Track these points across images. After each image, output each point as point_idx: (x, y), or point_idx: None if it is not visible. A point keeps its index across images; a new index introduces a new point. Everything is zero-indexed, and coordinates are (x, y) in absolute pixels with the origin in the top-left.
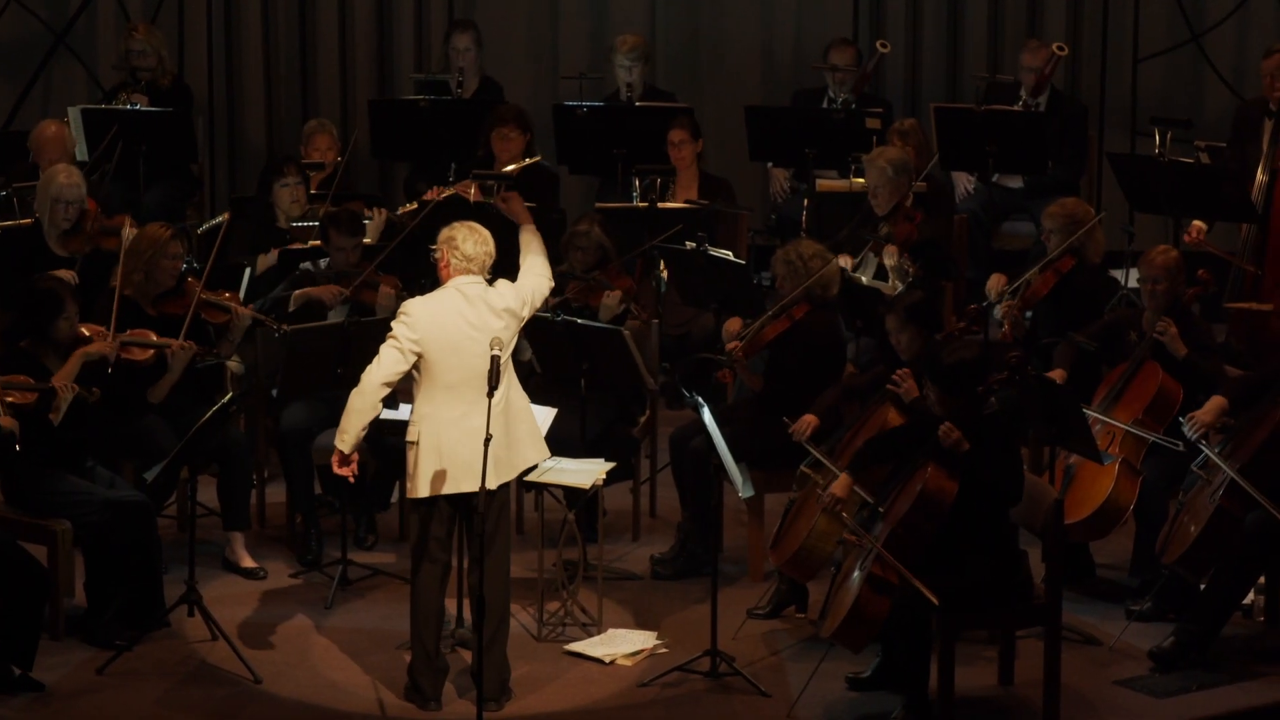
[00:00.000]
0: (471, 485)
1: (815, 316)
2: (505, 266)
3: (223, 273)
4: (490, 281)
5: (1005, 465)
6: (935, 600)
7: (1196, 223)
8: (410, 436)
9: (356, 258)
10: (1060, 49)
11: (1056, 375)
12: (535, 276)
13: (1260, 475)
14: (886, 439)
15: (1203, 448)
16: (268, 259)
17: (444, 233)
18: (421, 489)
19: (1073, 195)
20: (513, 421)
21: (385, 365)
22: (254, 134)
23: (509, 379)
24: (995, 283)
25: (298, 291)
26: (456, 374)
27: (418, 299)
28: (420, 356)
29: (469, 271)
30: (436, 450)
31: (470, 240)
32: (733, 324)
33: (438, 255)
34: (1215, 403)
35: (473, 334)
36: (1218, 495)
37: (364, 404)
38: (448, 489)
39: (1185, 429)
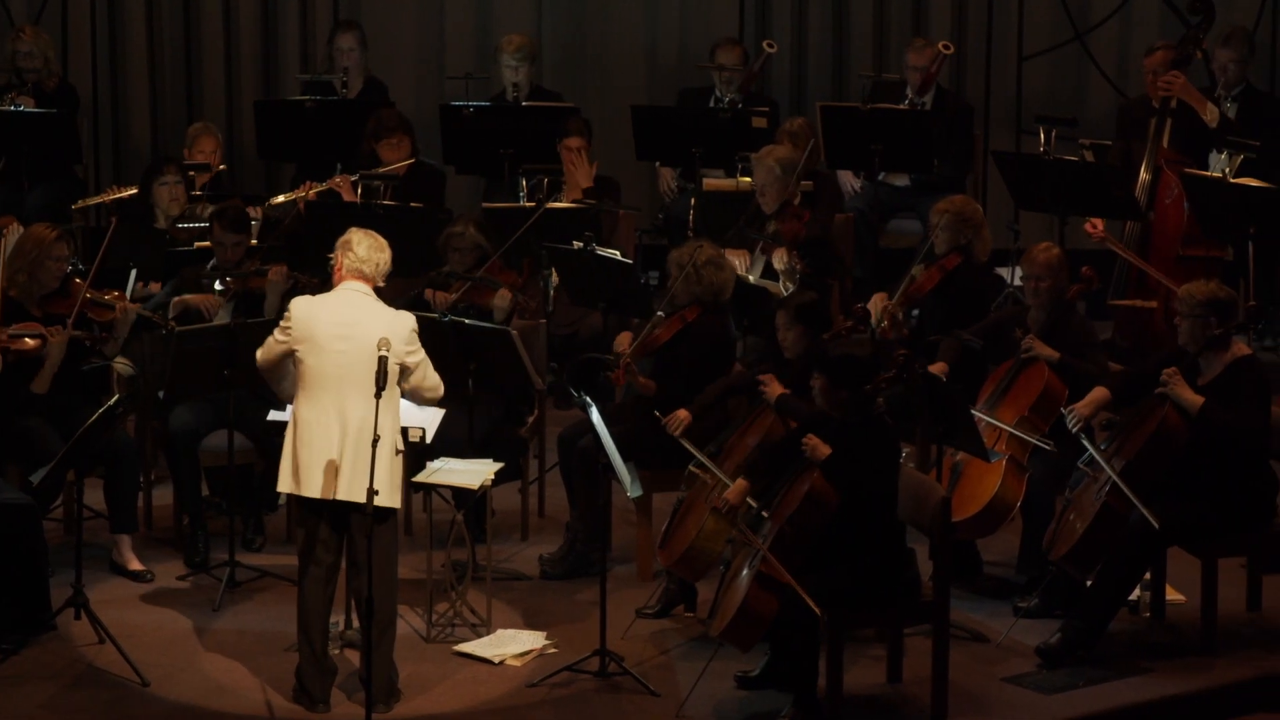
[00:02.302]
0: (322, 492)
1: (706, 318)
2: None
3: (108, 274)
4: (381, 293)
5: (873, 470)
6: (818, 611)
7: (1093, 220)
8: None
9: (240, 255)
10: (946, 48)
11: (937, 369)
12: (435, 376)
13: (1144, 473)
14: (780, 447)
15: (1083, 441)
16: (145, 290)
17: (342, 237)
18: (281, 483)
19: (958, 193)
20: (365, 450)
21: (265, 344)
22: (139, 135)
23: (389, 410)
24: (877, 303)
25: (176, 299)
26: (318, 375)
27: (303, 297)
28: (297, 352)
29: (360, 275)
30: (294, 448)
31: (365, 244)
32: (623, 339)
33: (333, 259)
34: (1096, 395)
35: (341, 340)
36: (1103, 492)
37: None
38: (304, 491)
39: (1066, 421)
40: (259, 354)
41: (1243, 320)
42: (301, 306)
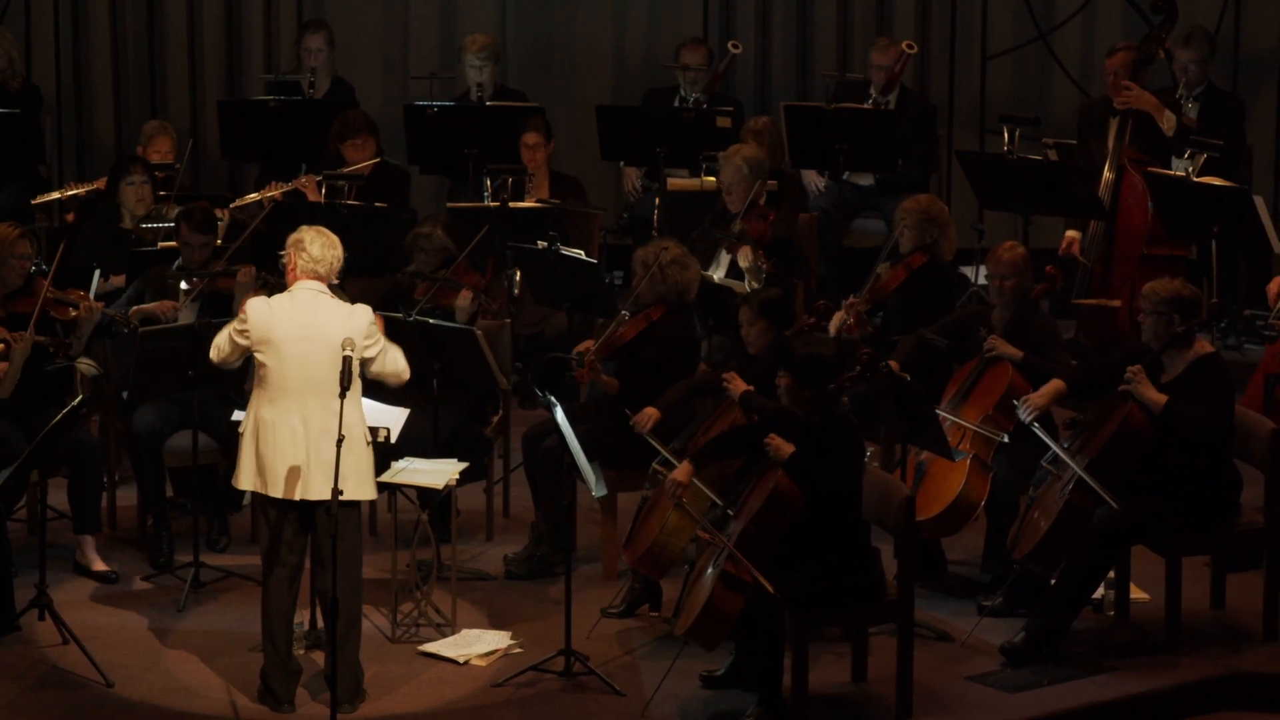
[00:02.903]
0: (275, 490)
1: (671, 317)
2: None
3: (71, 273)
4: (341, 289)
5: (838, 468)
6: (771, 588)
7: (1069, 233)
8: (241, 428)
9: (206, 255)
10: (910, 47)
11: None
12: (398, 356)
13: (1108, 471)
14: (731, 436)
15: (1035, 430)
16: (108, 285)
17: (292, 236)
18: (240, 480)
19: (922, 193)
20: (328, 449)
21: (221, 340)
22: (102, 134)
23: (353, 405)
24: (837, 321)
25: (133, 309)
26: (279, 377)
27: (259, 299)
28: (255, 353)
29: (315, 274)
30: (255, 449)
31: (318, 243)
32: (586, 347)
33: (285, 259)
34: (1052, 386)
35: (301, 342)
36: (1067, 490)
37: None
38: (269, 491)
39: (1019, 411)
40: (214, 350)
41: (1206, 318)
42: (258, 309)
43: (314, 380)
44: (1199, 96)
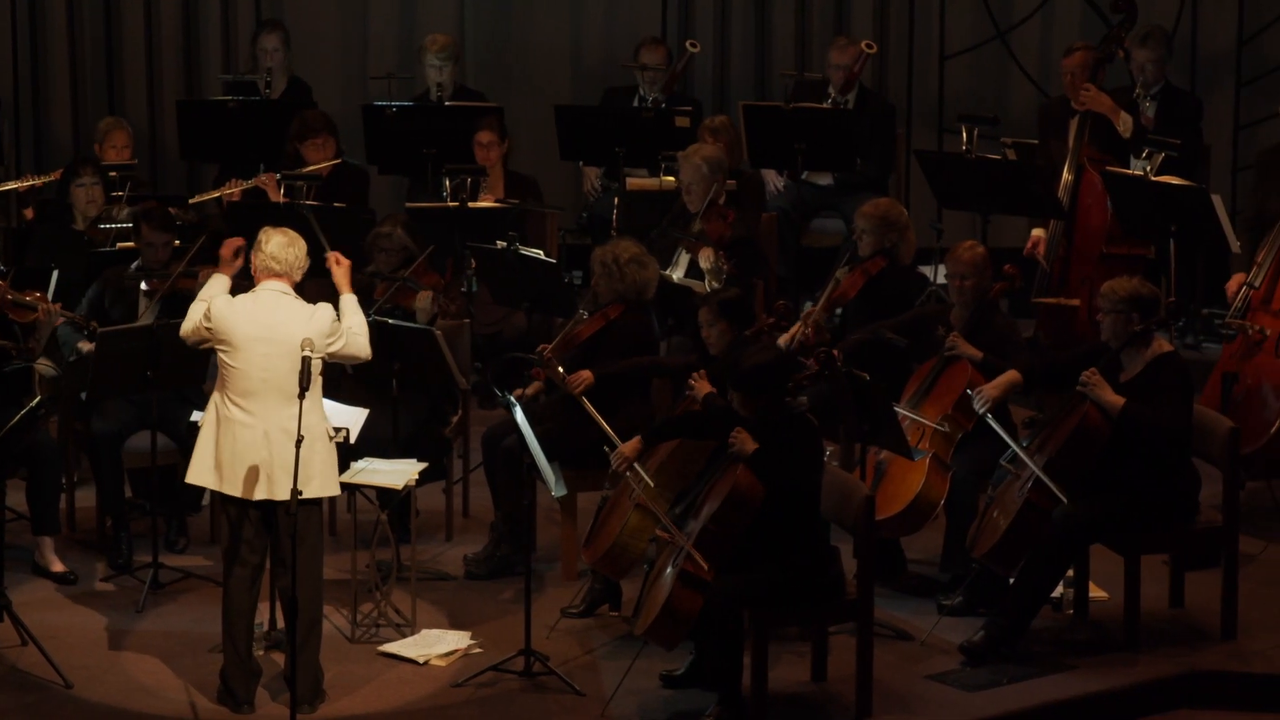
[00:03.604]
0: (231, 489)
1: (629, 316)
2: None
3: (29, 274)
4: (301, 290)
5: (799, 468)
6: (707, 567)
7: (1035, 232)
8: (199, 419)
9: (168, 255)
10: (869, 47)
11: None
12: (357, 337)
13: (1066, 470)
14: (682, 419)
15: (988, 420)
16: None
17: (258, 236)
18: (200, 477)
19: (881, 192)
20: (288, 450)
21: (190, 319)
22: (60, 134)
23: (313, 403)
24: (795, 331)
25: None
26: (241, 376)
27: (223, 298)
28: (218, 351)
29: (273, 272)
30: (215, 446)
31: (274, 240)
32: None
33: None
34: (1006, 377)
35: (263, 343)
36: (1026, 489)
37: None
38: (225, 488)
39: (974, 402)
40: (185, 325)
41: (1164, 317)
42: (221, 308)
43: (274, 381)
44: (1156, 96)
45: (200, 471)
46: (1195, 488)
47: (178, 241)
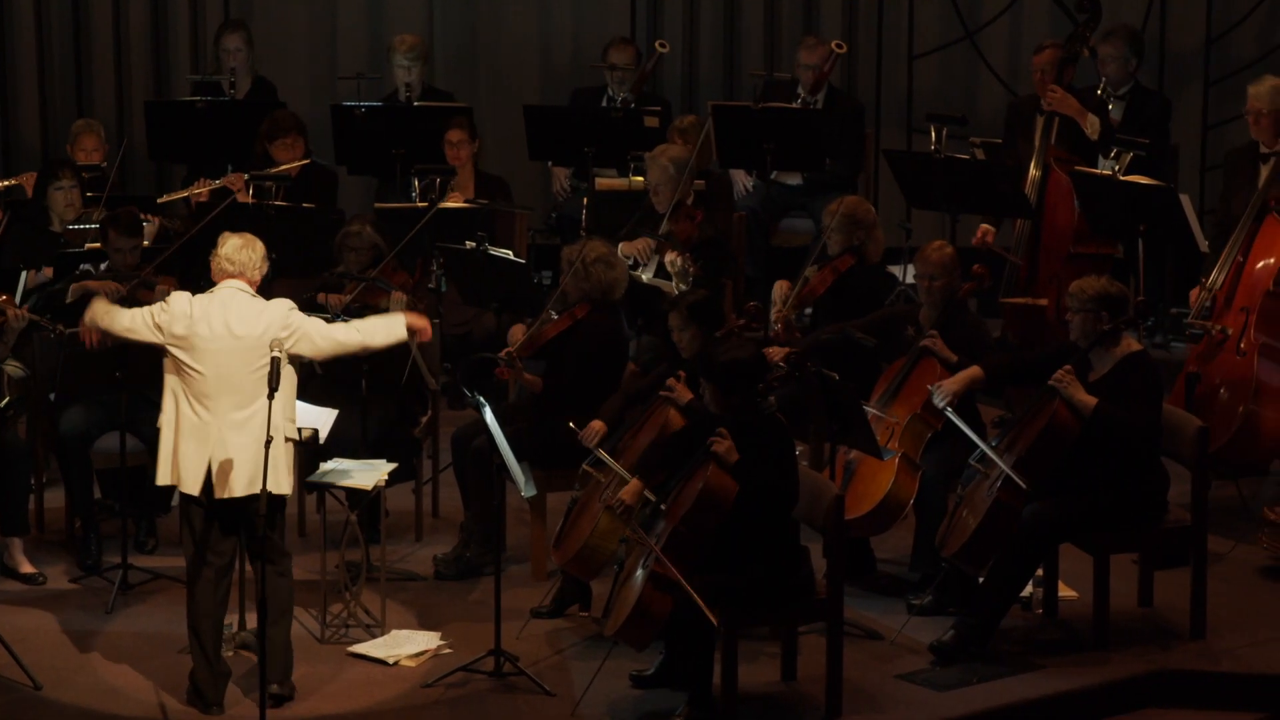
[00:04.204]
0: (196, 490)
1: (597, 316)
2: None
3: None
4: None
5: (778, 469)
6: (715, 621)
7: (984, 225)
8: (160, 423)
9: (136, 259)
10: (839, 46)
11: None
12: (346, 329)
13: (1035, 468)
14: (671, 444)
15: (948, 414)
16: (38, 276)
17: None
18: (158, 476)
19: (850, 192)
20: (251, 449)
21: (131, 319)
22: (28, 135)
23: (262, 404)
24: (780, 289)
25: (75, 284)
26: (197, 376)
27: (182, 294)
28: (173, 351)
29: (228, 274)
30: (175, 445)
31: (230, 243)
32: (517, 330)
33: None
34: (967, 372)
35: (218, 340)
36: (995, 489)
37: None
38: (185, 488)
39: (934, 396)
40: (120, 319)
41: (1133, 316)
42: (180, 304)
43: (231, 380)
44: (1125, 95)
45: (163, 471)
46: (1164, 487)
47: (146, 243)
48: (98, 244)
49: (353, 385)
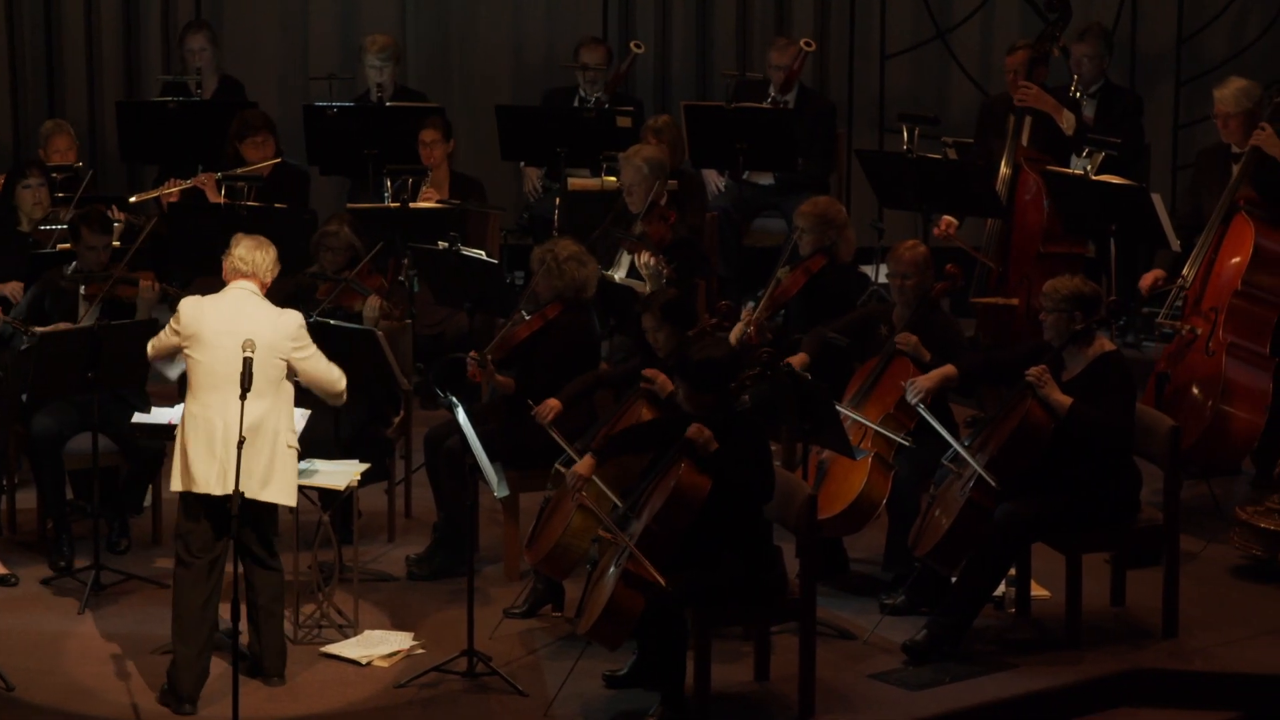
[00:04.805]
0: (206, 487)
1: (569, 316)
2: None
3: None
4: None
5: (756, 464)
6: (662, 581)
7: (946, 217)
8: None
9: (107, 257)
10: (808, 45)
11: (798, 360)
12: (333, 368)
13: (1008, 468)
14: (635, 432)
15: (920, 411)
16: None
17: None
18: (173, 483)
19: (822, 191)
20: (255, 445)
21: (157, 338)
22: (1, 135)
23: (269, 405)
24: (738, 332)
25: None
26: (207, 372)
27: (192, 297)
28: (185, 350)
29: (241, 274)
30: (182, 445)
31: (244, 244)
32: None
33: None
34: (940, 371)
35: (228, 337)
36: (968, 488)
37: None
38: (191, 487)
39: (907, 393)
40: (150, 345)
41: (1105, 315)
42: (190, 307)
43: (221, 378)
44: (1096, 93)
45: (175, 475)
46: (1136, 486)
47: (116, 243)
48: (67, 244)
49: None
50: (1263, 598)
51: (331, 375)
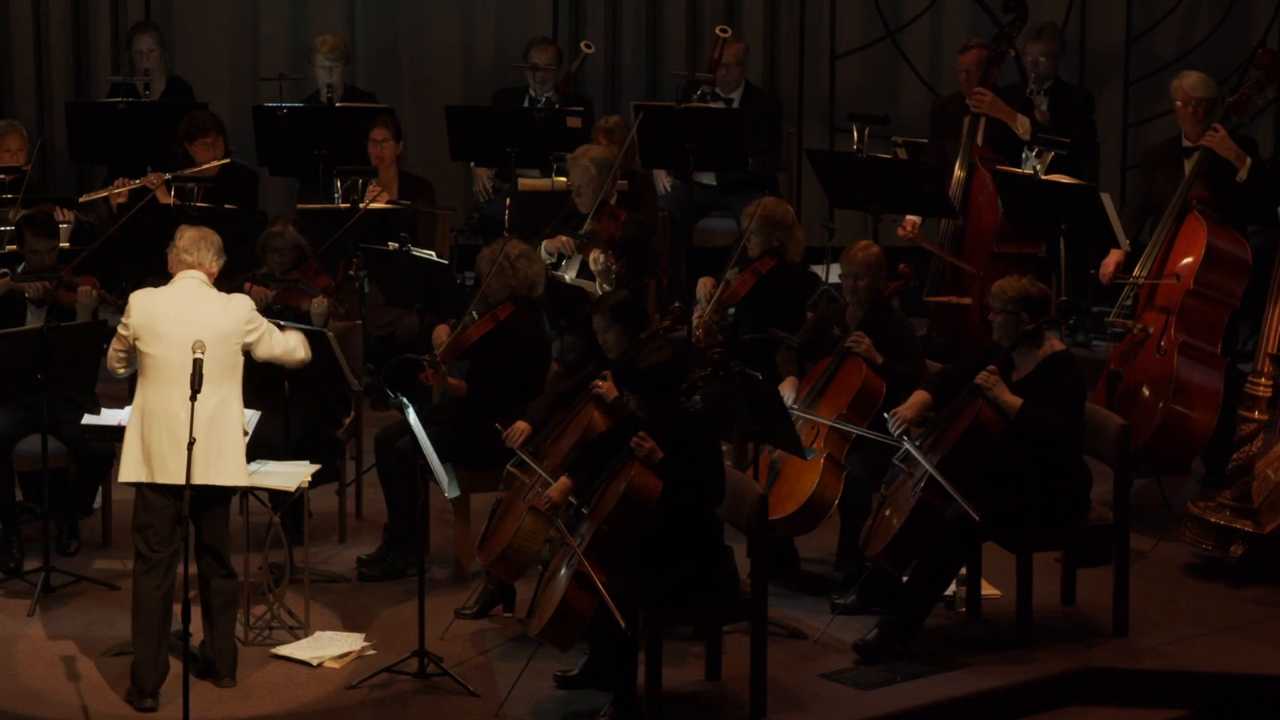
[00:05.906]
0: (172, 477)
1: (519, 316)
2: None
3: None
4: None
5: (707, 466)
6: (623, 623)
7: (910, 217)
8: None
9: (53, 260)
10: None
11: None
12: (288, 335)
13: (959, 468)
14: (595, 444)
15: (905, 442)
16: None
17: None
18: (127, 473)
19: (770, 189)
20: (217, 434)
21: (110, 349)
22: None
23: (226, 391)
24: (704, 286)
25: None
26: (164, 365)
27: (142, 290)
28: (138, 344)
29: (186, 265)
30: (140, 438)
31: (186, 235)
32: (440, 331)
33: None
34: (918, 397)
35: (183, 327)
36: (919, 488)
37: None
38: (155, 478)
39: (889, 425)
40: (108, 359)
41: (1054, 315)
42: (140, 300)
43: (176, 369)
44: (1048, 91)
45: (130, 467)
46: (1086, 485)
47: (65, 244)
48: (14, 246)
49: (275, 386)
50: (1213, 596)
51: (289, 344)
